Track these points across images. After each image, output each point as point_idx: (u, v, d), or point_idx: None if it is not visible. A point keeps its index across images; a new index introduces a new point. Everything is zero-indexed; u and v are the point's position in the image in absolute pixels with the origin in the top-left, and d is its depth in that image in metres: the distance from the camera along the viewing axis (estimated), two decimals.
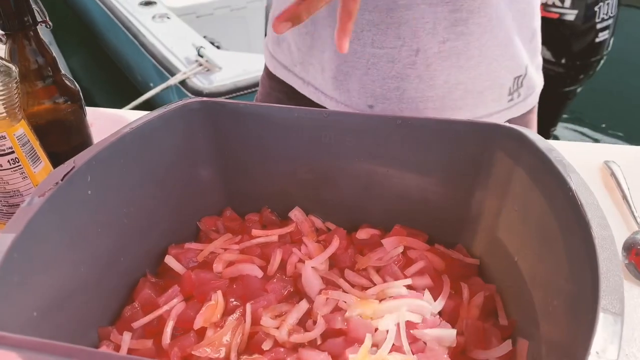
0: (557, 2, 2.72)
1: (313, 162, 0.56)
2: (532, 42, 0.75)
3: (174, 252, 0.51)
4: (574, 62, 2.87)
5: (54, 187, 0.41)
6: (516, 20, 0.70)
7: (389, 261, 0.50)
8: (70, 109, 0.64)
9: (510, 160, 0.48)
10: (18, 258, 0.36)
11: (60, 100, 0.63)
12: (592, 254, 0.35)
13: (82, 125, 0.68)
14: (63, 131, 0.65)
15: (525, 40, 0.73)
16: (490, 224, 0.51)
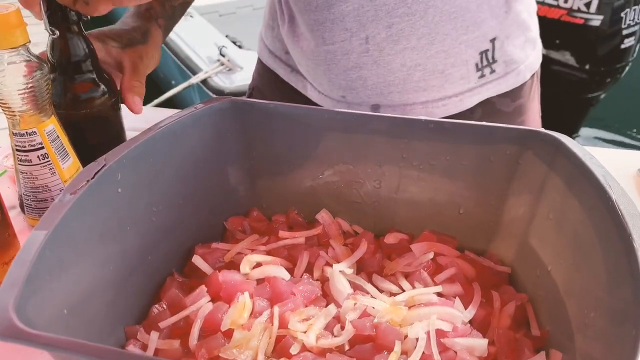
0: (583, 7, 2.69)
1: (341, 164, 0.55)
2: (509, 14, 0.71)
3: (201, 252, 0.51)
4: (598, 68, 2.82)
5: (85, 184, 0.41)
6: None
7: (418, 267, 0.49)
8: (109, 102, 0.64)
9: (545, 166, 0.47)
10: (50, 255, 0.36)
11: (100, 93, 0.63)
12: (634, 268, 0.34)
13: (118, 118, 0.68)
14: (102, 124, 0.66)
15: (493, 11, 0.69)
16: (523, 231, 0.50)
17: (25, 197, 0.61)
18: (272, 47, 0.81)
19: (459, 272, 0.49)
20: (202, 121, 0.52)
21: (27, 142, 0.57)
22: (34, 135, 0.57)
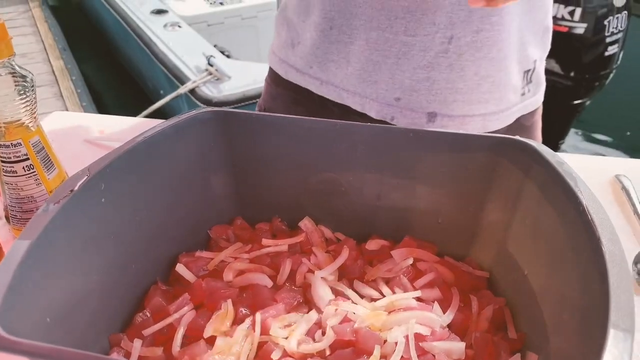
0: (567, 15, 2.73)
1: (324, 172, 0.56)
2: (543, 38, 0.76)
3: (185, 260, 0.52)
4: (583, 75, 2.87)
5: (69, 194, 0.41)
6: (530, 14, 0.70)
7: (398, 273, 0.50)
8: None
9: (520, 173, 0.49)
10: (32, 265, 0.36)
11: None
12: (602, 269, 0.35)
13: None
14: None
15: (537, 35, 0.73)
16: (500, 237, 0.51)
17: (10, 208, 0.61)
18: (297, 64, 0.79)
19: (438, 277, 0.50)
20: (185, 131, 0.53)
21: (12, 153, 0.58)
22: (19, 146, 0.58)
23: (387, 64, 0.69)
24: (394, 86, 0.69)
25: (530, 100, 0.78)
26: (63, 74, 3.48)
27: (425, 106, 0.69)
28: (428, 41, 0.66)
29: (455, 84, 0.68)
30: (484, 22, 0.65)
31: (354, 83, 0.72)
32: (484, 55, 0.67)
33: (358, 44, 0.69)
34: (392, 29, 0.66)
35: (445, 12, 0.64)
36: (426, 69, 0.67)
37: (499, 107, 0.73)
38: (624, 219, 0.63)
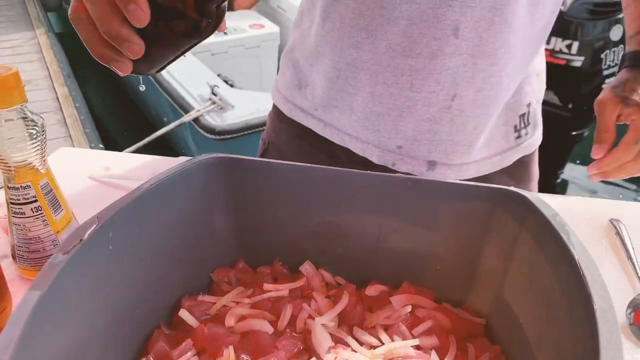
0: (564, 48, 2.78)
1: (325, 217, 0.58)
2: (538, 82, 0.79)
3: (188, 305, 0.53)
4: (580, 107, 2.90)
5: (78, 243, 0.43)
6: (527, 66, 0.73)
7: (397, 320, 0.51)
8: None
9: (516, 223, 0.50)
10: (43, 315, 0.37)
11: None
12: (593, 325, 0.36)
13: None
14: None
15: (532, 79, 0.77)
16: (497, 284, 0.52)
17: (17, 248, 0.62)
18: (302, 104, 0.82)
19: (436, 325, 0.51)
20: (190, 177, 0.54)
21: (21, 195, 0.59)
22: (28, 189, 0.59)
23: (390, 116, 0.71)
24: (396, 135, 0.72)
25: (529, 142, 0.81)
26: (67, 101, 3.52)
27: (425, 155, 0.72)
28: (432, 97, 0.69)
29: (455, 136, 0.71)
30: (485, 83, 0.68)
31: (356, 129, 0.74)
32: (484, 112, 0.70)
33: (362, 95, 0.72)
34: (398, 84, 0.69)
35: (450, 72, 0.67)
36: (429, 122, 0.70)
37: (489, 153, 0.76)
38: (619, 264, 0.64)
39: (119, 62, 0.45)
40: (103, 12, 0.42)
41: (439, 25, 0.65)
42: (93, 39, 0.44)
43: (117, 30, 0.42)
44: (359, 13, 0.67)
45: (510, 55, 0.68)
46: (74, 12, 0.44)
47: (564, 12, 2.70)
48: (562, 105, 2.93)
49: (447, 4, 0.63)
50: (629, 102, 0.71)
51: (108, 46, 0.44)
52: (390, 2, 0.65)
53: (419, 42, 0.66)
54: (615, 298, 0.57)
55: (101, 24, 0.42)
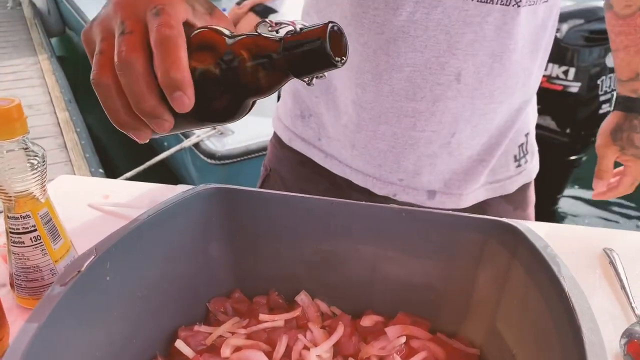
0: (561, 74, 2.81)
1: (321, 247, 0.58)
2: (532, 112, 0.82)
3: (184, 335, 0.53)
4: (578, 132, 2.93)
5: (76, 275, 0.43)
6: (521, 100, 0.75)
7: (391, 351, 0.51)
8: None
9: (508, 253, 0.51)
10: (40, 347, 0.38)
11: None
12: (582, 356, 0.37)
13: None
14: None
15: (529, 109, 0.79)
16: (490, 315, 0.53)
17: (16, 277, 0.63)
18: (304, 134, 0.84)
19: (430, 356, 0.51)
20: (188, 207, 0.55)
21: (20, 225, 0.60)
22: (28, 218, 0.60)
23: (392, 153, 0.74)
24: (398, 170, 0.74)
25: (529, 169, 0.85)
26: (68, 126, 3.55)
27: (426, 185, 0.75)
28: (434, 136, 0.72)
29: (452, 166, 0.75)
30: (481, 119, 0.71)
31: (358, 163, 0.76)
32: (478, 143, 0.73)
33: (365, 132, 0.74)
34: (401, 125, 0.72)
35: (451, 113, 0.70)
36: (430, 157, 0.73)
37: (487, 180, 0.78)
38: (612, 294, 0.64)
39: (141, 131, 0.43)
40: (140, 89, 0.39)
41: (442, 72, 0.67)
42: (116, 107, 0.42)
43: (152, 108, 0.40)
44: (365, 57, 0.70)
45: (507, 95, 0.71)
46: (99, 77, 0.41)
47: (560, 39, 2.74)
48: (560, 130, 2.96)
49: (450, 52, 0.66)
50: (626, 152, 0.84)
51: (132, 115, 0.42)
52: (396, 51, 0.67)
53: (423, 87, 0.68)
54: (609, 327, 0.58)
55: (136, 101, 0.40)
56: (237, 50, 0.41)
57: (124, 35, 0.39)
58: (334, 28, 0.40)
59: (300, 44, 0.40)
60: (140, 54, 0.39)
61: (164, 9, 0.40)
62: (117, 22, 0.40)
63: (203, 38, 0.42)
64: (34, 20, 6.24)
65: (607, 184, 0.88)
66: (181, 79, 0.38)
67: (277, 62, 0.41)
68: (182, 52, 0.39)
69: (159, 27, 0.39)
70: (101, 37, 0.41)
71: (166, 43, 0.38)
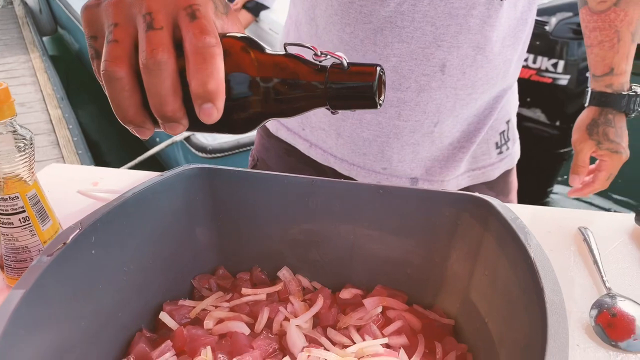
0: (550, 67, 2.84)
1: (302, 225, 0.60)
2: (512, 99, 0.84)
3: (169, 309, 0.55)
4: (568, 125, 2.96)
5: (62, 247, 0.45)
6: (502, 85, 0.77)
7: (368, 320, 0.53)
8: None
9: (480, 227, 0.53)
10: (26, 313, 0.40)
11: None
12: (544, 316, 0.39)
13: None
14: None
15: (510, 97, 0.81)
16: (464, 286, 0.54)
17: (5, 257, 0.64)
18: (289, 124, 0.86)
19: (406, 325, 0.53)
20: (172, 187, 0.57)
21: (9, 206, 0.61)
22: (16, 199, 0.62)
23: (377, 142, 0.76)
24: (382, 159, 0.76)
25: (511, 156, 0.86)
26: (60, 123, 3.55)
27: (408, 173, 0.77)
28: (417, 125, 0.74)
29: (434, 153, 0.77)
30: (463, 109, 0.73)
31: (342, 152, 0.78)
32: (459, 130, 0.75)
33: (351, 121, 0.76)
34: (386, 114, 0.74)
35: (435, 103, 0.72)
36: (412, 146, 0.75)
37: (469, 167, 0.81)
38: (585, 269, 0.66)
39: (147, 129, 0.41)
40: (166, 90, 0.37)
41: (427, 63, 0.69)
42: (128, 103, 0.38)
43: (173, 112, 0.38)
44: (352, 46, 0.71)
45: (489, 85, 0.73)
46: (113, 69, 0.37)
47: (549, 32, 2.76)
48: (550, 123, 2.98)
49: (436, 44, 0.68)
50: (602, 146, 0.86)
51: (142, 113, 0.39)
52: (383, 40, 0.69)
53: (408, 78, 0.70)
54: (581, 300, 0.60)
55: (159, 102, 0.37)
56: (276, 71, 0.39)
57: (153, 30, 0.36)
58: (381, 71, 0.39)
59: (347, 80, 0.39)
60: (172, 55, 0.37)
61: (200, 10, 0.37)
62: (141, 12, 0.37)
63: (238, 49, 0.39)
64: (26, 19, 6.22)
65: (582, 181, 0.90)
66: (215, 91, 0.36)
67: (317, 92, 0.40)
68: (220, 63, 0.37)
69: (198, 34, 0.36)
70: (116, 22, 0.37)
71: (205, 52, 0.36)
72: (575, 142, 0.89)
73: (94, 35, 0.39)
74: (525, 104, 2.94)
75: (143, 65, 0.36)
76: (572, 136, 0.90)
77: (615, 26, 0.82)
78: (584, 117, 0.88)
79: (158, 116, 0.38)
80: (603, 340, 0.56)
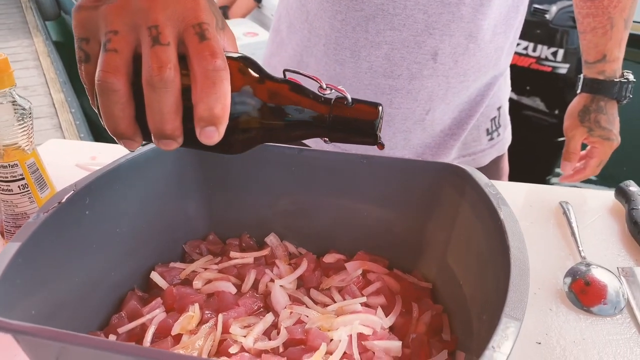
0: (550, 56, 2.84)
1: (289, 194, 0.63)
2: (507, 85, 0.85)
3: (160, 270, 0.58)
4: None
5: (57, 206, 0.47)
6: (493, 72, 0.79)
7: (349, 282, 0.56)
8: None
9: (457, 195, 0.55)
10: (22, 263, 0.42)
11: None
12: (507, 270, 0.41)
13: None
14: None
15: (502, 84, 0.82)
16: (442, 252, 0.57)
17: (5, 223, 0.67)
18: None
19: (385, 287, 0.56)
20: (164, 154, 0.59)
21: (9, 173, 0.64)
22: (15, 167, 0.64)
23: None
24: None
25: (501, 142, 0.88)
26: (63, 107, 3.58)
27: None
28: (409, 113, 0.75)
29: (425, 140, 0.78)
30: (454, 97, 0.74)
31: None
32: (450, 117, 0.77)
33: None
34: (378, 101, 0.75)
35: (427, 91, 0.73)
36: (404, 133, 0.76)
37: (460, 154, 0.83)
38: (563, 240, 0.69)
39: (135, 142, 0.39)
40: (169, 108, 0.36)
41: (419, 50, 0.70)
42: (120, 116, 0.37)
43: (172, 130, 0.37)
44: (344, 33, 0.72)
45: (481, 73, 0.75)
46: (110, 80, 0.35)
47: (549, 21, 2.76)
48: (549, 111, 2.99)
49: (427, 32, 0.69)
50: (593, 133, 0.86)
51: (133, 127, 0.38)
52: (375, 28, 0.70)
53: (400, 65, 0.71)
54: (557, 267, 0.63)
55: (159, 120, 0.36)
56: (280, 98, 0.39)
57: (161, 45, 0.35)
58: (382, 109, 0.41)
59: (351, 116, 0.40)
60: (178, 73, 0.36)
61: (209, 30, 0.36)
62: (147, 23, 0.35)
63: (241, 71, 0.39)
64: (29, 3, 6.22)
65: (574, 167, 0.91)
66: (222, 116, 0.36)
67: (320, 124, 0.40)
68: (228, 88, 0.36)
69: (208, 57, 0.35)
70: (116, 30, 0.36)
71: (215, 76, 0.35)
72: (567, 128, 0.89)
73: (86, 38, 0.38)
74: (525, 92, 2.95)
75: (147, 82, 0.35)
76: (564, 123, 0.90)
77: (608, 13, 0.83)
78: (575, 104, 0.88)
79: (155, 132, 0.37)
80: (575, 306, 0.58)
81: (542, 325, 0.56)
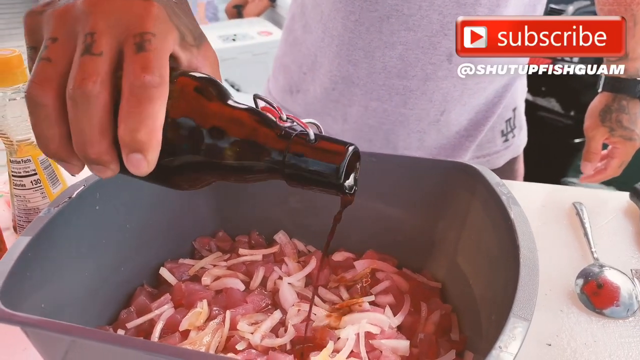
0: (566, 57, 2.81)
1: (298, 192, 0.62)
2: (522, 85, 0.84)
3: (169, 266, 0.58)
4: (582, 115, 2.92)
5: (67, 200, 0.48)
6: (510, 77, 0.78)
7: (358, 280, 0.56)
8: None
9: (468, 194, 0.55)
10: (32, 257, 0.43)
11: None
12: (517, 272, 0.41)
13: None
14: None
15: (517, 82, 0.82)
16: (451, 251, 0.56)
17: (18, 218, 0.68)
18: (293, 109, 0.86)
19: (394, 286, 0.55)
20: None
21: (22, 168, 0.65)
22: (28, 162, 0.65)
23: (383, 129, 0.76)
24: (387, 145, 0.77)
25: (516, 144, 0.86)
26: None
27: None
28: (423, 114, 0.74)
29: (441, 141, 0.78)
30: (470, 98, 0.74)
31: (347, 137, 0.80)
32: (467, 119, 0.76)
33: (357, 108, 0.76)
34: (392, 102, 0.74)
35: (442, 92, 0.72)
36: (419, 133, 0.76)
37: (474, 155, 0.82)
38: (576, 241, 0.68)
39: (73, 166, 0.35)
40: (91, 131, 0.31)
41: (434, 51, 0.70)
42: (50, 135, 0.32)
43: (98, 155, 0.32)
44: (357, 34, 0.72)
45: (498, 74, 0.74)
46: (38, 93, 0.31)
47: None
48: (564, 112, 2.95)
49: (442, 33, 0.68)
50: (615, 133, 0.84)
51: (67, 149, 0.33)
52: (389, 28, 0.69)
53: (414, 66, 0.71)
54: (569, 269, 0.62)
55: (82, 142, 0.31)
56: (229, 125, 0.33)
57: (91, 55, 0.31)
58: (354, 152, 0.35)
59: (311, 156, 0.33)
60: (106, 88, 0.31)
61: (151, 41, 0.31)
62: (84, 29, 0.31)
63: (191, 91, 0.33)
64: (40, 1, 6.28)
65: (595, 167, 0.89)
66: (147, 142, 0.31)
67: (272, 162, 0.34)
68: (158, 108, 0.31)
69: (137, 70, 0.31)
70: (54, 37, 0.32)
71: (142, 93, 0.30)
72: (587, 128, 0.87)
73: (34, 47, 0.34)
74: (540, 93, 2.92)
75: (69, 95, 0.31)
76: (585, 123, 0.88)
77: (631, 9, 0.81)
78: (596, 103, 0.86)
79: (80, 156, 0.32)
80: (587, 307, 0.58)
81: (552, 327, 0.55)
